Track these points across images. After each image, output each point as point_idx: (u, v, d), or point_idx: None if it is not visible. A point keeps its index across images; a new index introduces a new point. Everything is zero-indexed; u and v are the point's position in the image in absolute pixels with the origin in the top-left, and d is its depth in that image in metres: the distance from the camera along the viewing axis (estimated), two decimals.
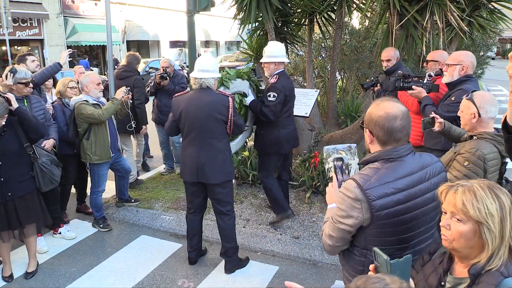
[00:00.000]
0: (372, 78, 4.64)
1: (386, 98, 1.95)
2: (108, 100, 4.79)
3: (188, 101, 3.69)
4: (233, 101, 3.72)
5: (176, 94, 3.90)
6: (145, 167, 6.98)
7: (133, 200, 5.37)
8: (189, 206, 4.02)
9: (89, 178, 4.92)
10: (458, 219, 1.42)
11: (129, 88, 4.89)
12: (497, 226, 1.36)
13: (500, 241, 1.37)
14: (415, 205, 1.82)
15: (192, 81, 3.73)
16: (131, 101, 4.88)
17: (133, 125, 5.49)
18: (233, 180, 4.83)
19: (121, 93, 4.67)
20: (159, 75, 5.95)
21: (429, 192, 1.86)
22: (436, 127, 3.09)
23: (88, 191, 5.05)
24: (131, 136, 6.00)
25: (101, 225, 4.88)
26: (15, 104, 3.56)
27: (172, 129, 3.95)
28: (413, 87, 3.65)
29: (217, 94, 3.74)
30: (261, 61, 4.13)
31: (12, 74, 3.96)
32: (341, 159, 2.10)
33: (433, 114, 3.10)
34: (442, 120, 3.11)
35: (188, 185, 3.91)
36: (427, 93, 3.70)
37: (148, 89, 6.24)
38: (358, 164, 2.11)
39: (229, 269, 3.98)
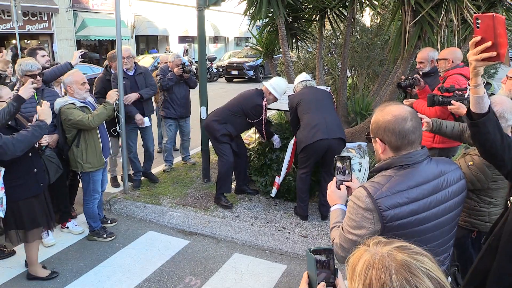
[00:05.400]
0: (409, 77, 4.28)
1: (389, 102, 1.84)
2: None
3: (304, 93, 4.77)
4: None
5: (289, 95, 4.95)
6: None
7: (104, 235, 4.53)
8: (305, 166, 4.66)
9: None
10: None
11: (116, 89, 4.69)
12: None
13: None
14: (431, 215, 1.70)
15: (298, 87, 4.90)
16: (117, 102, 4.49)
17: (118, 130, 5.07)
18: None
19: (114, 96, 4.30)
20: (181, 68, 6.02)
21: (446, 201, 1.74)
22: (424, 127, 2.90)
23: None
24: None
25: (104, 235, 4.51)
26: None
27: (294, 121, 4.75)
28: (452, 102, 3.24)
29: (321, 88, 5.01)
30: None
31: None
32: (345, 158, 1.94)
33: (419, 115, 2.76)
34: (429, 119, 2.98)
35: (310, 149, 4.50)
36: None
37: (166, 82, 6.05)
38: (370, 173, 1.95)
39: (326, 216, 4.75)
